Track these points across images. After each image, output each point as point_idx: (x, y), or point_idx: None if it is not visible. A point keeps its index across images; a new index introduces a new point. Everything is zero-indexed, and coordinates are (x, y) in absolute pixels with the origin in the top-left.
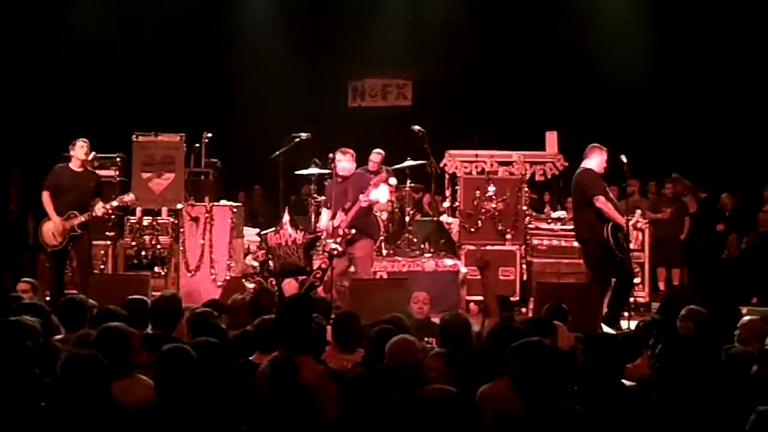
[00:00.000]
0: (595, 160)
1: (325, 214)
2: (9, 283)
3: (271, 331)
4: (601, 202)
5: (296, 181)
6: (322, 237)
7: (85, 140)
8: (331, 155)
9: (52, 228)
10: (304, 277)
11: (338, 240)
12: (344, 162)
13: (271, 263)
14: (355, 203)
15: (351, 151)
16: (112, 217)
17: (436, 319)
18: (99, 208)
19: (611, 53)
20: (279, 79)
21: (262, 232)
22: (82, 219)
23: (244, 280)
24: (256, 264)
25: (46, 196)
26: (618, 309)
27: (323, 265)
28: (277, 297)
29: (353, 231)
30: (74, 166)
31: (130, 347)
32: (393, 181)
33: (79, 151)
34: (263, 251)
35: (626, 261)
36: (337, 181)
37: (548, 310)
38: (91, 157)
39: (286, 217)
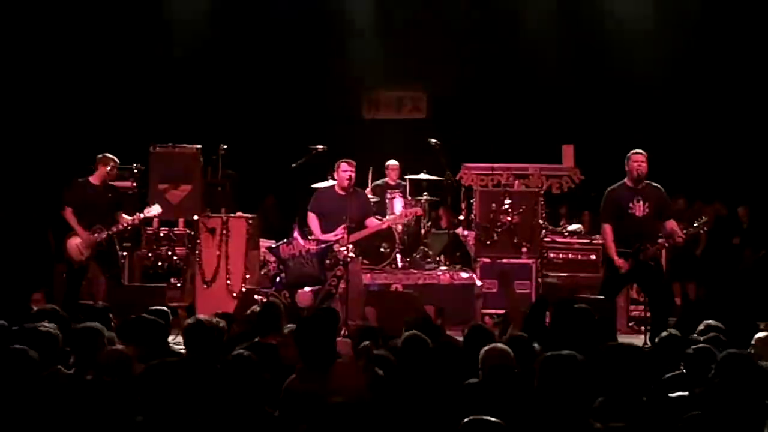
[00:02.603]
0: (626, 172)
1: (314, 220)
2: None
3: None
4: (603, 230)
5: (311, 192)
6: (335, 245)
7: (117, 160)
8: (338, 165)
9: (78, 243)
10: (318, 287)
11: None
12: (350, 173)
13: (282, 275)
14: (357, 223)
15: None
16: (128, 227)
17: (450, 332)
18: (124, 221)
19: (629, 66)
20: (294, 91)
21: (273, 245)
22: (109, 233)
23: (256, 296)
24: (270, 276)
25: (69, 213)
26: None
27: (338, 273)
28: (291, 309)
29: (352, 249)
30: (95, 180)
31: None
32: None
33: (110, 170)
34: (275, 264)
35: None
36: (337, 192)
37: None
38: (109, 168)
39: (296, 231)
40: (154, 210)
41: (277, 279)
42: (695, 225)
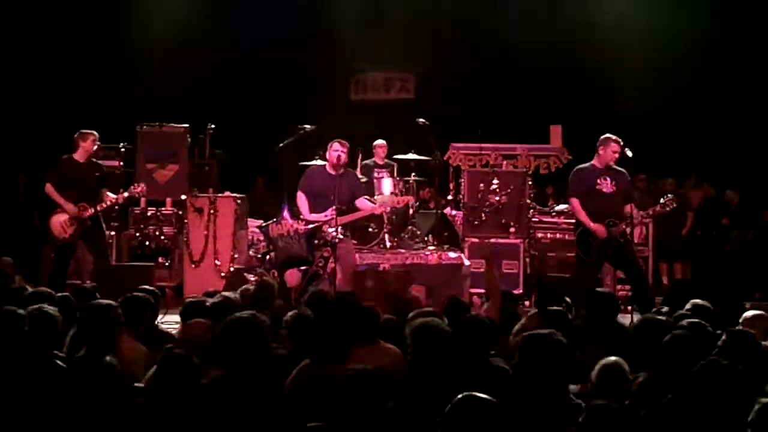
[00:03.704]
0: (598, 155)
1: (303, 200)
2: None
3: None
4: (572, 204)
5: (299, 173)
6: (323, 226)
7: (95, 133)
8: (330, 144)
9: (63, 220)
10: (306, 267)
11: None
12: (341, 152)
13: (272, 255)
14: (347, 204)
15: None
16: (116, 207)
17: None
18: (109, 199)
19: (616, 46)
20: (281, 71)
21: (263, 224)
22: (93, 210)
23: (246, 273)
24: (260, 255)
25: (50, 189)
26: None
27: (325, 254)
28: (280, 288)
29: (342, 232)
30: (79, 157)
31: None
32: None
33: (90, 144)
34: (264, 243)
35: (592, 268)
36: (328, 172)
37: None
38: (89, 143)
39: (285, 211)
40: (138, 189)
41: (267, 258)
42: (661, 202)
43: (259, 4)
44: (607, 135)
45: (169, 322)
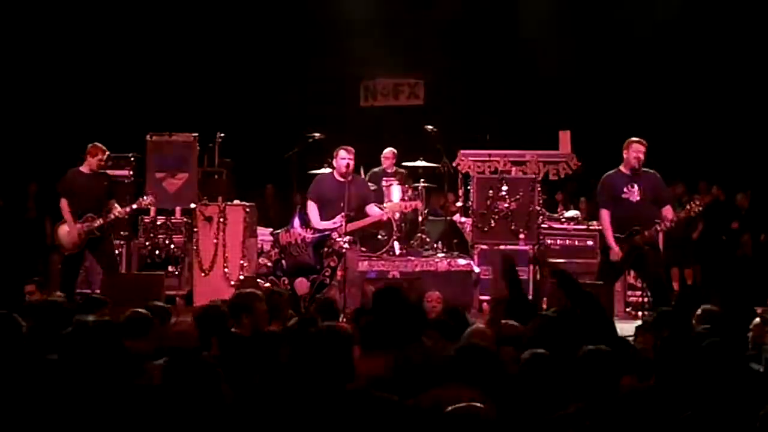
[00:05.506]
0: (623, 159)
1: (313, 208)
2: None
3: None
4: (601, 216)
5: (309, 180)
6: (333, 235)
7: (104, 149)
8: (336, 152)
9: (69, 231)
10: (314, 275)
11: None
12: (348, 160)
13: (284, 262)
14: (356, 211)
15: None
16: (126, 216)
17: None
18: (117, 211)
19: (626, 51)
20: (291, 79)
21: (274, 231)
22: (100, 222)
23: (258, 279)
24: (270, 264)
25: (64, 204)
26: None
27: (332, 263)
28: (290, 296)
29: (349, 240)
30: (85, 169)
31: None
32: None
33: (97, 161)
34: (276, 250)
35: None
36: (336, 179)
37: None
38: (98, 159)
39: (296, 220)
40: (147, 201)
41: (279, 265)
42: (687, 208)
43: (270, 11)
44: (631, 138)
45: None
